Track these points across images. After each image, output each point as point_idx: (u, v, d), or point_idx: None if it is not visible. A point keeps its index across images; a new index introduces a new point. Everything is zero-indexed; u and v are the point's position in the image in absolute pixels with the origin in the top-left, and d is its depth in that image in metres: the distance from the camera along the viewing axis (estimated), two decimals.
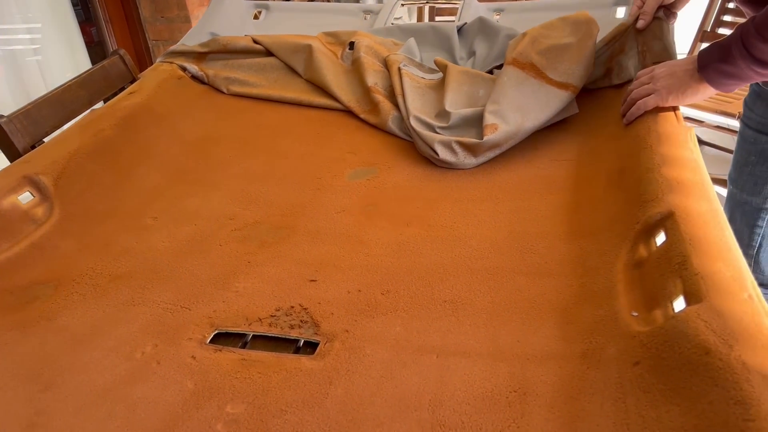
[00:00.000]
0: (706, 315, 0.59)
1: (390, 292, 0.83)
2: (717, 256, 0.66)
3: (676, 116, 0.98)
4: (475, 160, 1.12)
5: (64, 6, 2.01)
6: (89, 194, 1.05)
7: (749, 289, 0.62)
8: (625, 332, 0.66)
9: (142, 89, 1.29)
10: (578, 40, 1.20)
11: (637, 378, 0.60)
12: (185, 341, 0.77)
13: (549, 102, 1.15)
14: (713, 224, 0.72)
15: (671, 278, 0.67)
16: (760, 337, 0.55)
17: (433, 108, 1.23)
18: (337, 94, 1.36)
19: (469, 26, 1.48)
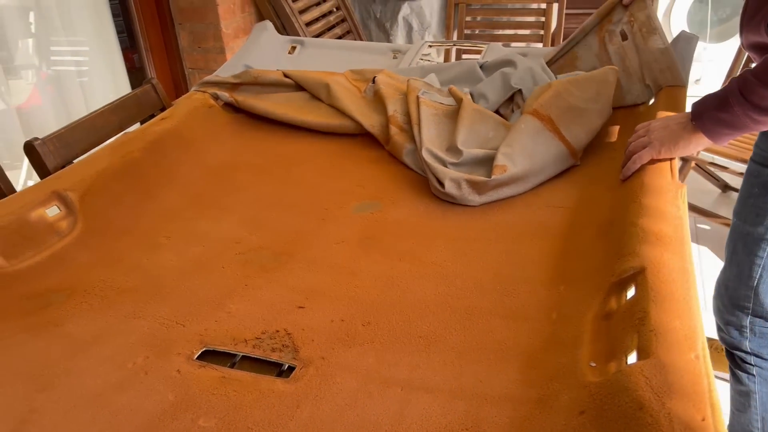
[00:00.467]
0: (649, 371, 0.61)
1: (370, 323, 0.87)
2: (675, 314, 0.68)
3: (672, 171, 1.00)
4: (478, 198, 1.16)
5: (109, 33, 2.16)
6: (111, 211, 1.14)
7: (698, 350, 0.63)
8: (579, 382, 0.69)
9: (174, 116, 1.39)
10: (595, 110, 1.25)
11: (581, 427, 0.62)
12: (174, 355, 0.83)
13: (557, 158, 1.21)
14: (681, 282, 0.74)
15: (630, 332, 0.70)
16: (693, 397, 0.57)
17: (446, 140, 1.28)
18: (359, 119, 1.42)
19: (492, 63, 1.52)
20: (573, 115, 1.24)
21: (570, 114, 1.24)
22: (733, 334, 1.24)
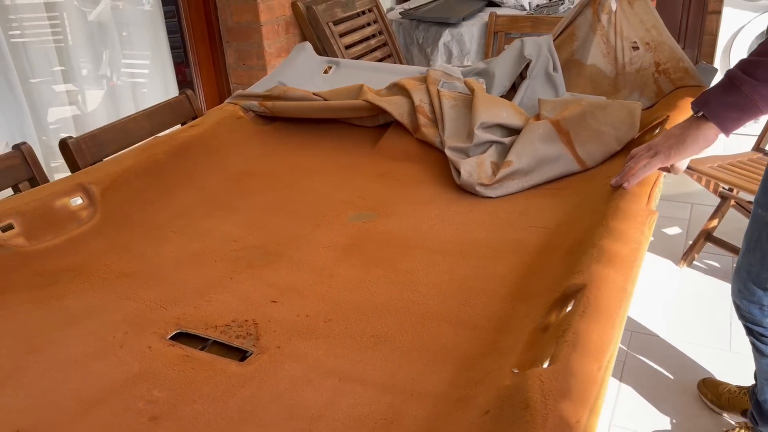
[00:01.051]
0: (546, 376, 0.63)
1: (331, 320, 0.93)
2: (596, 328, 0.71)
3: (649, 198, 1.01)
4: (486, 191, 1.27)
5: (163, 48, 2.36)
6: (129, 205, 1.25)
7: (603, 362, 0.65)
8: (497, 385, 0.71)
9: (202, 124, 1.50)
10: (616, 136, 1.32)
11: (482, 424, 0.65)
12: (150, 334, 0.91)
13: (563, 168, 1.30)
14: (615, 299, 0.76)
15: (552, 343, 0.72)
16: (578, 401, 0.59)
17: (465, 128, 1.41)
18: (389, 108, 1.49)
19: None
20: (592, 137, 1.32)
21: (589, 135, 1.32)
22: (754, 312, 1.36)
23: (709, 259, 2.33)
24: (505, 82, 1.56)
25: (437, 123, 1.46)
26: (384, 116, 1.56)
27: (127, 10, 2.29)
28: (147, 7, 2.34)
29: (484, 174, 1.29)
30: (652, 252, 2.42)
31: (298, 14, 2.57)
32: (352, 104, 1.55)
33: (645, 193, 1.01)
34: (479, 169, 1.30)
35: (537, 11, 2.88)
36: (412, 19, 2.98)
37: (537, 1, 3.00)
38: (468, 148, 1.35)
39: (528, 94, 1.52)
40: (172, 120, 1.54)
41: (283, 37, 2.55)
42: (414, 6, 3.20)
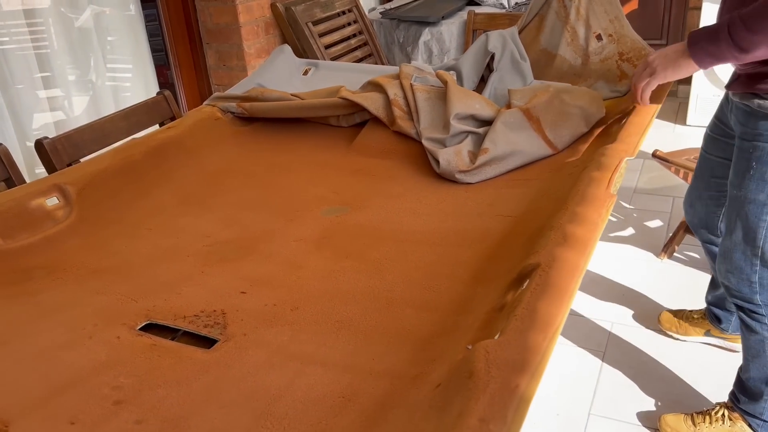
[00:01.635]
0: (492, 347, 0.65)
1: (298, 308, 0.95)
2: (546, 303, 0.73)
3: (609, 183, 1.03)
4: (465, 177, 1.31)
5: (144, 51, 2.39)
6: (105, 205, 1.27)
7: (549, 333, 0.67)
8: (450, 361, 0.73)
9: (180, 125, 1.53)
10: (583, 116, 1.39)
11: (434, 397, 0.67)
12: (119, 325, 0.93)
13: (536, 152, 1.36)
14: (567, 276, 0.78)
15: (505, 319, 0.74)
16: (520, 369, 0.61)
17: (441, 119, 1.45)
18: (364, 104, 1.52)
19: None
20: (560, 119, 1.38)
21: (558, 119, 1.38)
22: (744, 290, 1.41)
23: (689, 250, 2.35)
24: (474, 76, 1.59)
25: (412, 116, 1.48)
26: (360, 115, 1.59)
27: (110, 15, 2.32)
28: (130, 11, 2.37)
29: (462, 162, 1.33)
30: (634, 245, 2.44)
31: (277, 15, 2.60)
32: (328, 102, 1.58)
33: (606, 178, 1.03)
34: (457, 158, 1.33)
35: (515, 9, 2.91)
36: (393, 19, 3.02)
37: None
38: (445, 139, 1.39)
39: (497, 85, 1.55)
40: (150, 120, 1.56)
41: (263, 38, 2.58)
42: (394, 6, 3.23)
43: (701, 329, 1.84)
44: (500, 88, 1.54)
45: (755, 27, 1.11)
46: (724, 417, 1.54)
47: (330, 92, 1.61)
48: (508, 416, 0.56)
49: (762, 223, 1.32)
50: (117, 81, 2.35)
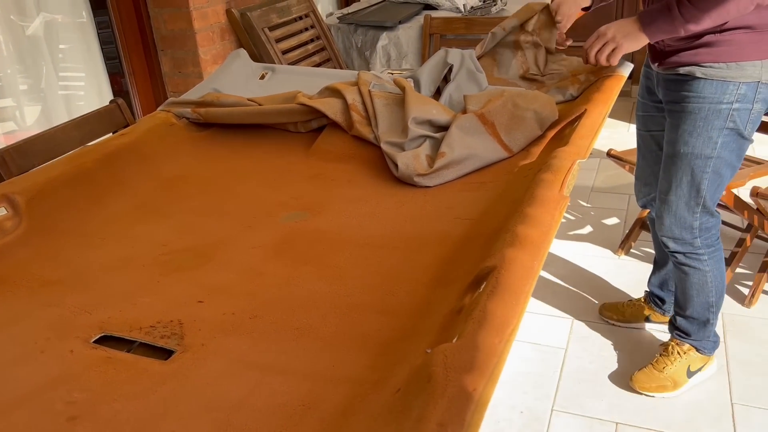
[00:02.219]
0: (450, 350, 0.66)
1: (257, 317, 0.94)
2: (502, 304, 0.74)
3: (562, 185, 1.05)
4: (423, 180, 1.32)
5: (96, 59, 2.34)
6: (58, 214, 1.24)
7: (505, 335, 0.68)
8: (410, 365, 0.74)
9: (133, 131, 1.50)
10: (536, 120, 1.41)
11: (394, 402, 0.68)
12: (73, 338, 0.91)
13: (492, 155, 1.38)
14: (522, 277, 0.79)
15: (463, 321, 0.75)
16: (476, 372, 0.62)
17: (399, 124, 1.45)
18: (323, 109, 1.52)
19: None
20: (515, 123, 1.40)
21: (512, 123, 1.41)
22: (686, 237, 1.62)
23: (646, 246, 2.42)
24: (431, 85, 1.61)
25: (370, 121, 1.49)
26: (318, 120, 1.58)
27: (61, 22, 2.26)
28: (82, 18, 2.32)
29: (420, 165, 1.34)
30: (592, 242, 2.49)
31: (232, 21, 2.57)
32: (285, 108, 1.57)
33: (558, 181, 1.05)
34: (415, 162, 1.34)
35: (471, 13, 2.95)
36: (350, 24, 3.02)
37: (471, 3, 3.08)
38: (403, 143, 1.40)
39: (453, 93, 1.57)
40: (103, 129, 1.53)
41: (219, 44, 2.55)
42: (352, 11, 3.24)
43: (640, 313, 2.01)
44: (456, 95, 1.56)
45: (701, 4, 1.33)
46: (680, 353, 1.78)
47: (287, 98, 1.60)
48: (466, 419, 0.57)
49: (705, 174, 1.53)
50: (70, 90, 2.29)
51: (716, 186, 1.56)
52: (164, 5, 2.44)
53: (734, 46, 1.42)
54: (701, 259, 1.65)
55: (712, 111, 1.47)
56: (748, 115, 1.48)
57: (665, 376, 1.76)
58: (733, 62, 1.43)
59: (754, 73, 1.44)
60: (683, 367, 1.77)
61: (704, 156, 1.51)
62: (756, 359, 1.84)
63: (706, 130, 1.48)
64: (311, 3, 3.03)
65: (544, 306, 2.14)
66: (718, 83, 1.45)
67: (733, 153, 1.52)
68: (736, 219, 2.35)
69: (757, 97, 1.47)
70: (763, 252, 2.16)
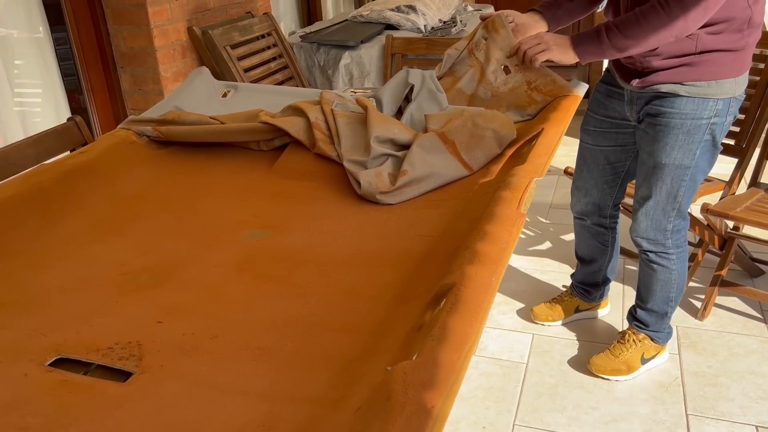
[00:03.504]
0: (410, 367, 0.67)
1: (217, 337, 0.93)
2: (461, 321, 0.75)
3: (519, 202, 1.08)
4: (385, 198, 1.34)
5: (54, 76, 2.30)
6: (11, 234, 1.21)
7: (464, 351, 0.70)
8: (370, 384, 0.74)
9: (92, 150, 1.47)
10: (495, 138, 1.44)
11: (354, 422, 0.68)
12: (27, 361, 0.89)
13: (452, 173, 1.40)
14: (480, 294, 0.81)
15: (422, 338, 0.76)
16: (435, 388, 0.63)
17: (362, 143, 1.47)
18: (285, 127, 1.52)
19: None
20: (474, 142, 1.43)
21: (472, 141, 1.44)
22: (659, 238, 1.75)
23: None
24: (393, 105, 1.63)
25: (333, 139, 1.50)
26: (280, 139, 1.58)
27: (17, 37, 2.22)
28: (39, 33, 2.28)
29: (382, 183, 1.35)
30: (551, 258, 2.54)
31: (194, 39, 2.56)
32: (247, 127, 1.57)
33: (516, 198, 1.08)
34: (377, 179, 1.36)
35: (431, 33, 3.00)
36: (312, 43, 3.04)
37: (432, 24, 3.13)
38: (366, 161, 1.41)
39: (414, 112, 1.59)
40: (60, 147, 1.50)
41: (180, 61, 2.53)
42: (314, 30, 3.26)
43: (572, 306, 2.15)
44: (417, 114, 1.58)
45: (626, 32, 1.46)
46: (635, 342, 1.90)
47: (249, 116, 1.60)
48: None
49: (683, 182, 1.66)
50: (25, 106, 2.24)
51: (691, 192, 1.70)
52: (124, 23, 2.42)
53: (714, 66, 1.53)
54: (670, 258, 1.78)
55: (694, 126, 1.58)
56: (722, 127, 1.62)
57: (620, 360, 1.88)
58: (713, 80, 1.54)
59: (730, 89, 1.57)
60: (638, 354, 1.90)
61: (684, 166, 1.63)
62: (708, 371, 1.90)
63: (687, 143, 1.60)
64: (273, 22, 3.04)
65: (505, 321, 2.17)
66: (699, 100, 1.56)
67: (707, 161, 1.66)
68: (689, 235, 2.43)
69: (729, 110, 1.61)
70: (713, 266, 2.23)
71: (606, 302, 2.21)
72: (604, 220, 1.98)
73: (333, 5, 4.38)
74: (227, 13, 2.87)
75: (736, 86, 1.58)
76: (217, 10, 2.78)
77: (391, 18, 3.23)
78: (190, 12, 2.58)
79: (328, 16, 4.22)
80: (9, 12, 2.18)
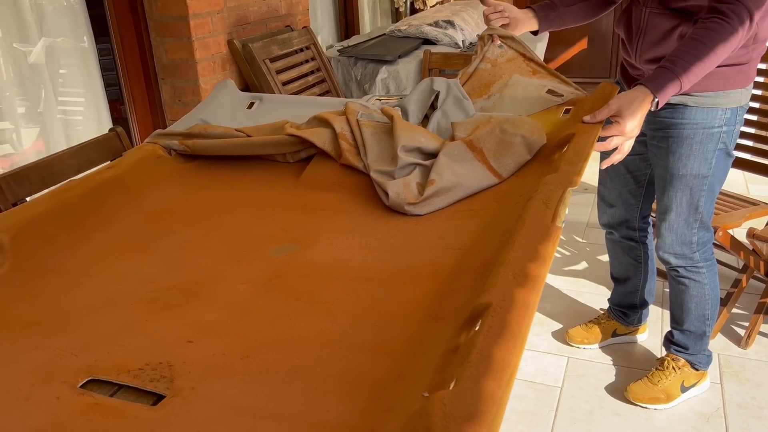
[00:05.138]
0: (448, 398, 0.64)
1: (248, 357, 0.92)
2: (499, 346, 0.72)
3: (554, 215, 1.05)
4: (414, 209, 1.31)
5: (97, 85, 2.33)
6: (42, 252, 1.21)
7: (504, 379, 0.67)
8: (407, 411, 0.72)
9: (119, 165, 1.48)
10: (525, 145, 1.41)
11: None
12: (58, 384, 0.88)
13: (481, 182, 1.37)
14: (519, 316, 0.78)
15: (459, 364, 0.73)
16: (477, 421, 0.60)
17: (388, 153, 1.45)
18: (311, 138, 1.51)
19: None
20: (503, 149, 1.41)
21: (500, 148, 1.41)
22: (685, 252, 1.73)
23: None
24: (419, 113, 1.61)
25: (359, 150, 1.48)
26: (306, 150, 1.57)
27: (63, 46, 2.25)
28: (84, 43, 2.30)
29: (410, 194, 1.33)
30: (587, 279, 2.48)
31: (234, 52, 2.57)
32: (273, 140, 1.56)
33: (551, 210, 1.05)
34: (405, 190, 1.34)
35: (469, 49, 2.97)
36: (350, 57, 3.03)
37: (470, 40, 3.10)
38: (393, 171, 1.39)
39: (441, 120, 1.57)
40: (101, 158, 1.51)
41: (220, 74, 2.55)
42: (352, 44, 3.25)
43: (609, 330, 2.12)
44: (443, 122, 1.56)
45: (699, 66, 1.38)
46: (675, 369, 1.84)
47: (274, 128, 1.59)
48: None
49: (702, 192, 1.65)
50: (68, 114, 2.28)
51: (711, 201, 1.70)
52: (166, 35, 2.44)
53: (719, 78, 1.56)
54: (700, 272, 1.76)
55: (706, 135, 1.60)
56: (732, 136, 1.65)
57: (659, 389, 1.82)
58: (720, 91, 1.58)
59: (737, 99, 1.61)
60: (677, 381, 1.84)
61: (701, 176, 1.64)
62: (752, 402, 1.83)
63: (702, 152, 1.61)
64: (312, 36, 3.04)
65: (539, 342, 2.13)
66: (709, 110, 1.59)
67: (722, 170, 1.67)
68: (732, 259, 2.36)
69: (737, 118, 1.63)
70: (758, 293, 2.16)
71: (644, 327, 2.14)
72: (633, 233, 1.97)
73: (371, 19, 4.38)
74: (267, 26, 2.89)
75: (743, 96, 1.60)
76: (257, 23, 2.79)
77: (429, 33, 3.21)
78: (231, 25, 2.59)
79: (366, 30, 4.21)
80: (56, 22, 2.22)
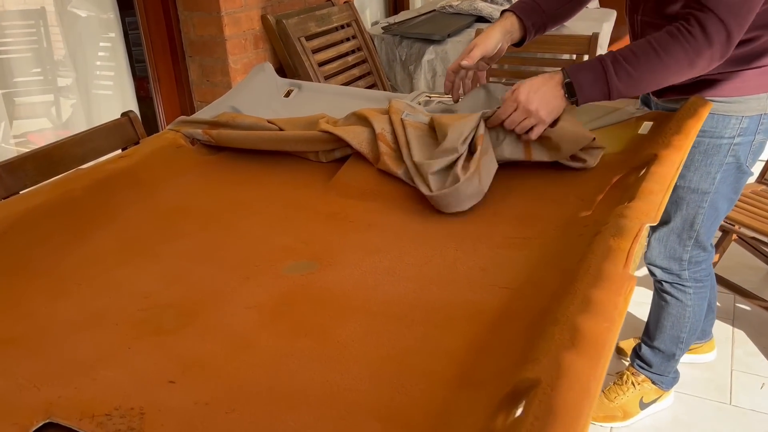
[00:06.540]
0: None
1: (234, 411, 0.75)
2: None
3: (627, 259, 0.84)
4: (453, 199, 1.17)
5: (121, 62, 2.20)
6: (33, 251, 1.08)
7: None
8: None
9: (134, 154, 1.34)
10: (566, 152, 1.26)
11: None
12: (10, 425, 0.74)
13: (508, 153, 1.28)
14: (577, 398, 0.59)
15: None
16: None
17: (433, 149, 1.29)
18: (346, 138, 1.35)
19: None
20: (549, 145, 1.27)
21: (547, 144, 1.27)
22: (673, 267, 1.61)
23: None
24: None
25: (401, 151, 1.30)
26: (341, 150, 1.40)
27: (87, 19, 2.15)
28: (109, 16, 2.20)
29: (452, 179, 1.19)
30: None
31: (267, 28, 2.41)
32: (305, 135, 1.39)
33: (623, 255, 0.84)
34: (451, 178, 1.19)
35: None
36: (395, 35, 2.82)
37: None
38: (434, 164, 1.22)
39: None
40: (110, 146, 1.37)
41: (252, 52, 2.39)
42: (399, 20, 3.04)
43: None
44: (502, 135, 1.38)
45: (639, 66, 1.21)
46: (634, 384, 1.72)
47: (309, 122, 1.42)
48: None
49: (701, 209, 1.49)
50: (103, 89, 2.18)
51: (712, 220, 1.53)
52: (194, 8, 2.29)
53: (737, 81, 1.37)
54: (686, 291, 1.63)
55: (712, 146, 1.43)
56: (750, 147, 1.44)
57: (615, 406, 1.71)
58: (736, 96, 1.37)
59: (758, 106, 1.39)
60: (635, 398, 1.72)
61: (701, 191, 1.48)
62: None
63: (705, 165, 1.45)
64: (354, 11, 2.85)
65: None
66: (720, 117, 1.39)
67: (730, 186, 1.49)
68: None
69: (759, 128, 1.41)
70: None
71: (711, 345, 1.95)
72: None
73: None
74: (306, 1, 2.70)
75: (765, 102, 1.39)
76: None
77: (484, 10, 2.95)
78: None
79: (416, 5, 3.98)
80: None
